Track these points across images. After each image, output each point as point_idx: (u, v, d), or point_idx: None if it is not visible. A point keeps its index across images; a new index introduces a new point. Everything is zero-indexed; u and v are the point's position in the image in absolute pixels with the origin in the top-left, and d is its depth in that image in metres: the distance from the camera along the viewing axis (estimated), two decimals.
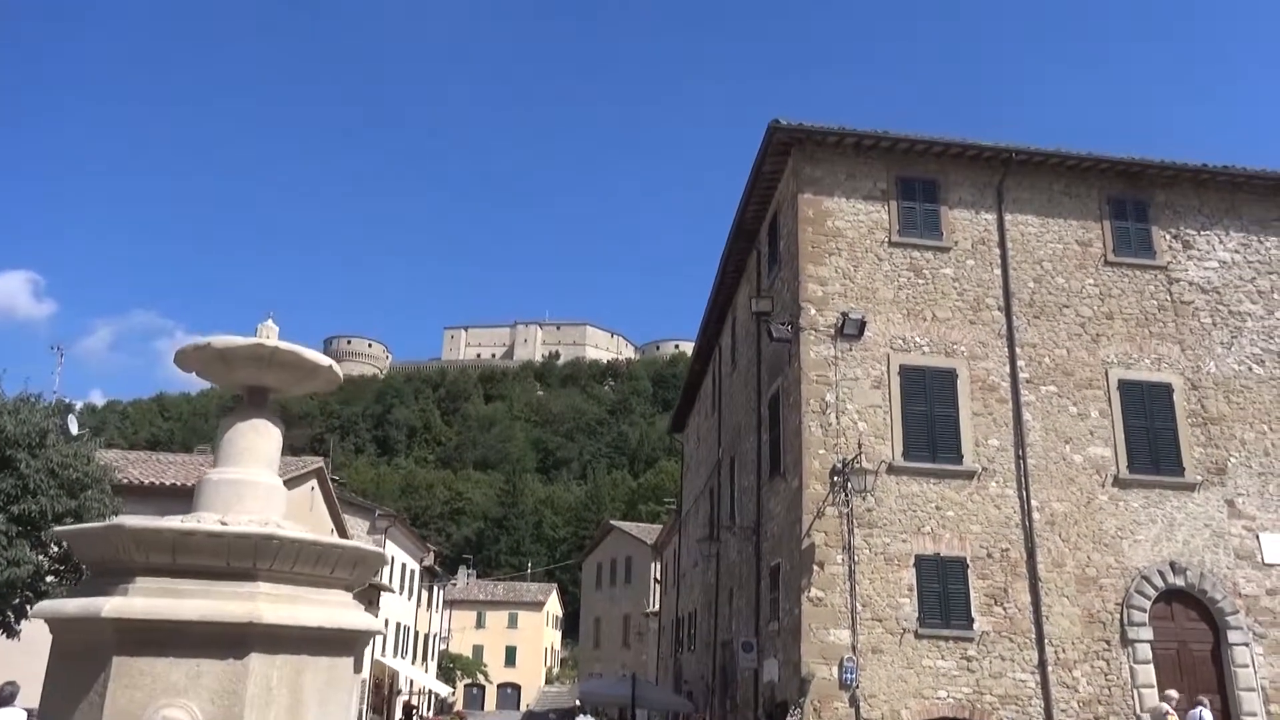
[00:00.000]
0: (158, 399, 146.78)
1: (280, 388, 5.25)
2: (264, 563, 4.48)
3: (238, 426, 5.04)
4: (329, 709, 4.65)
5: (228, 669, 4.30)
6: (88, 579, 4.81)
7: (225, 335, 5.01)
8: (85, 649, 4.36)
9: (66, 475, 15.96)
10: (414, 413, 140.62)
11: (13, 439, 15.44)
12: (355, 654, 4.97)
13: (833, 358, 16.78)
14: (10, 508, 15.09)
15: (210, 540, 4.42)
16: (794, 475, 16.64)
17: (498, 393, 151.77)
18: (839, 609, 15.45)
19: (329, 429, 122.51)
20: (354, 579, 5.07)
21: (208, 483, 4.90)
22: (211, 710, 4.24)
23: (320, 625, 4.58)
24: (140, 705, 4.18)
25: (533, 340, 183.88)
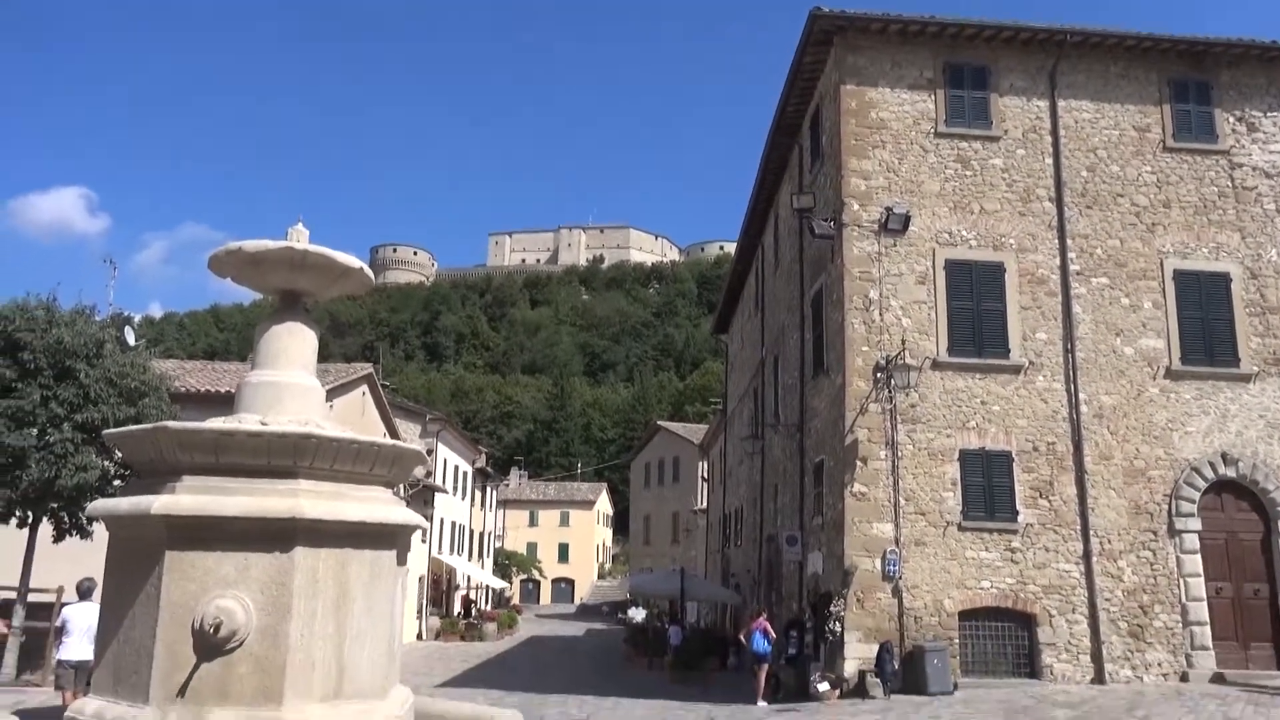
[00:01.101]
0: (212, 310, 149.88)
1: (313, 290, 5.29)
2: (304, 460, 4.60)
3: (274, 330, 5.10)
4: (374, 599, 4.82)
5: (274, 562, 4.45)
6: (137, 479, 4.98)
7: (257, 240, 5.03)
8: (140, 545, 4.54)
9: (125, 384, 16.48)
10: (461, 319, 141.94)
11: (71, 350, 15.93)
12: (398, 547, 5.12)
13: (876, 253, 16.49)
14: (74, 416, 15.69)
15: (251, 440, 4.53)
16: (837, 372, 16.58)
17: (543, 298, 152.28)
18: (882, 503, 15.57)
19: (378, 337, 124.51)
20: (393, 476, 5.18)
21: (247, 385, 5.01)
22: (261, 600, 4.41)
23: (362, 520, 4.71)
24: (194, 596, 4.37)
25: (577, 244, 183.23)
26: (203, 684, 4.32)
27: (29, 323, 16.05)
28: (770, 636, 16.25)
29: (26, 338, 15.86)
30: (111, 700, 4.46)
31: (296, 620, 4.42)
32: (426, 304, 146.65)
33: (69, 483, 15.51)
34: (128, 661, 4.46)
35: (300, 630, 4.43)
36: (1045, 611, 15.35)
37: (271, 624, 4.40)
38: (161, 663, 4.32)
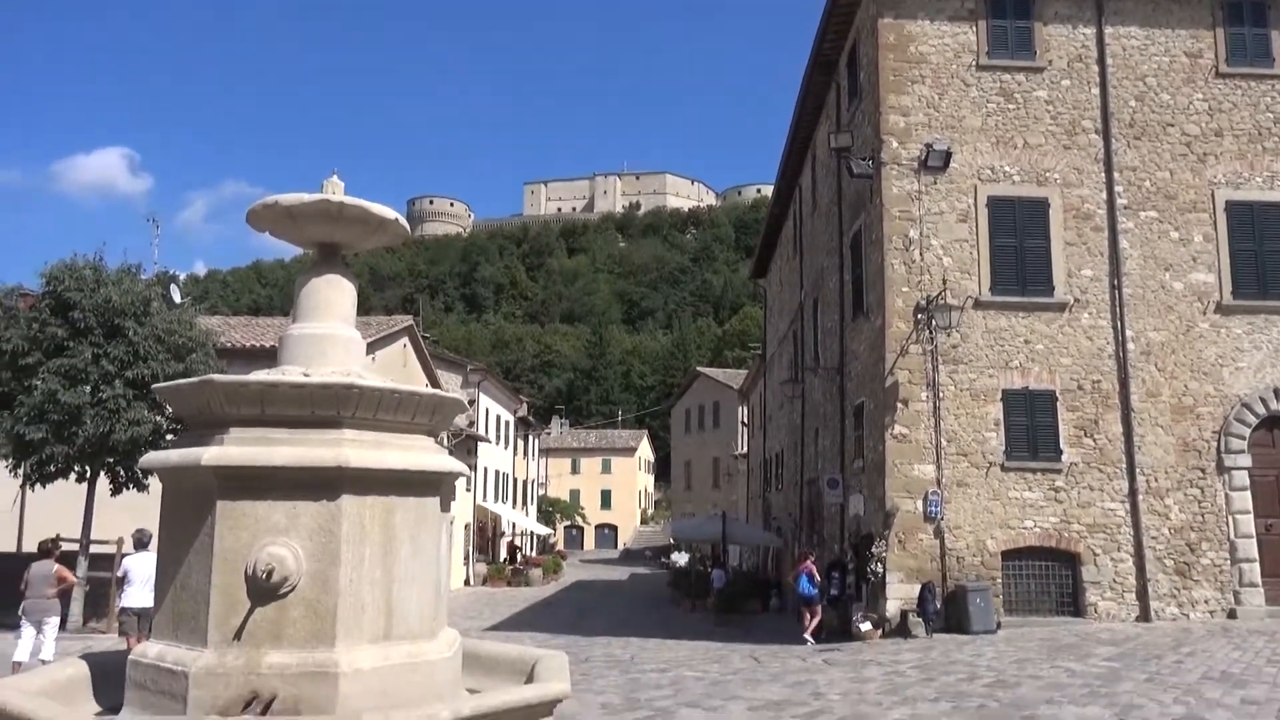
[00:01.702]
0: (254, 267, 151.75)
1: (349, 242, 5.30)
2: (347, 410, 4.65)
3: (313, 283, 5.13)
4: (420, 543, 4.91)
5: (322, 509, 4.54)
6: (187, 432, 5.09)
7: (293, 193, 5.04)
8: (192, 495, 4.66)
9: (172, 341, 16.83)
10: (499, 270, 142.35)
11: (119, 308, 16.26)
12: (441, 494, 5.19)
13: (916, 192, 16.20)
14: (125, 373, 16.07)
15: (294, 391, 4.59)
16: (877, 314, 16.43)
17: (580, 246, 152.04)
18: (923, 445, 15.51)
19: (418, 289, 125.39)
20: (434, 424, 5.24)
21: (289, 338, 5.06)
22: (311, 547, 4.51)
23: (405, 468, 4.78)
24: (246, 544, 4.48)
25: (612, 191, 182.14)
26: (257, 627, 4.45)
27: (78, 283, 16.39)
28: (816, 579, 16.37)
29: (76, 297, 16.21)
30: (172, 643, 4.61)
31: (345, 566, 4.52)
32: (464, 255, 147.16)
33: (123, 437, 15.94)
34: (185, 607, 4.60)
35: (349, 575, 4.54)
36: (1090, 550, 15.28)
37: (321, 569, 4.51)
38: (217, 608, 4.45)
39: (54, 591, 11.57)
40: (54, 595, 11.57)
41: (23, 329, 16.25)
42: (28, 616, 11.40)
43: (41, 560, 11.73)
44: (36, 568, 11.61)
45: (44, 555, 11.84)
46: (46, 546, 12.02)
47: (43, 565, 11.62)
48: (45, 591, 11.46)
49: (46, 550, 11.93)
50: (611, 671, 12.37)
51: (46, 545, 12.07)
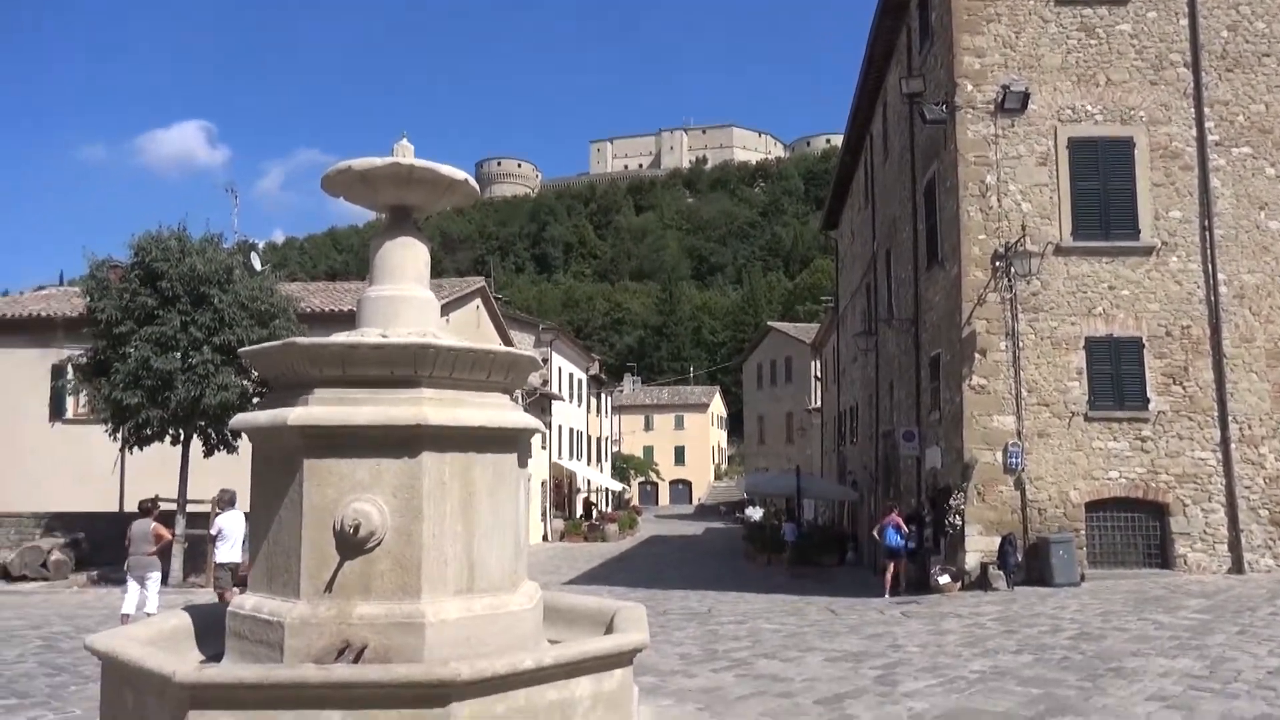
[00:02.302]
0: (330, 233, 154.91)
1: (421, 204, 5.37)
2: (424, 370, 4.75)
3: (387, 245, 5.22)
4: (499, 498, 5.02)
5: (404, 466, 4.67)
6: (273, 394, 5.26)
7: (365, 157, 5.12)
8: (280, 454, 4.82)
9: (255, 307, 17.33)
10: (568, 229, 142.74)
11: (204, 277, 16.79)
12: (518, 450, 5.28)
13: (992, 136, 15.70)
14: (212, 339, 16.63)
15: (373, 352, 4.70)
16: (953, 263, 16.06)
17: (647, 203, 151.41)
18: (1002, 395, 15.19)
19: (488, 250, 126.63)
20: (510, 382, 5.31)
21: (367, 300, 5.17)
22: (394, 503, 4.65)
23: (482, 425, 4.87)
24: (333, 501, 4.63)
25: (679, 147, 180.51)
26: (347, 580, 4.62)
27: (164, 253, 16.96)
28: (903, 531, 16.23)
29: (163, 267, 16.78)
30: (267, 596, 4.81)
31: (428, 521, 4.65)
32: (533, 215, 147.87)
33: (213, 401, 16.54)
34: (278, 561, 4.79)
35: (432, 530, 4.66)
36: (1179, 501, 14.86)
37: (404, 524, 4.64)
38: (308, 562, 4.62)
39: (154, 548, 12.13)
40: (154, 552, 12.14)
41: (115, 299, 16.91)
42: (131, 572, 12.00)
43: (141, 519, 12.30)
44: (137, 526, 12.18)
45: (144, 514, 12.41)
46: (146, 506, 12.59)
47: (143, 524, 12.19)
48: (145, 549, 12.03)
49: (146, 509, 12.50)
50: (689, 624, 12.52)
51: (146, 505, 12.64)
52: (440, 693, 4.11)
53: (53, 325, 23.93)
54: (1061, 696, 7.05)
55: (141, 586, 11.94)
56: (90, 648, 4.84)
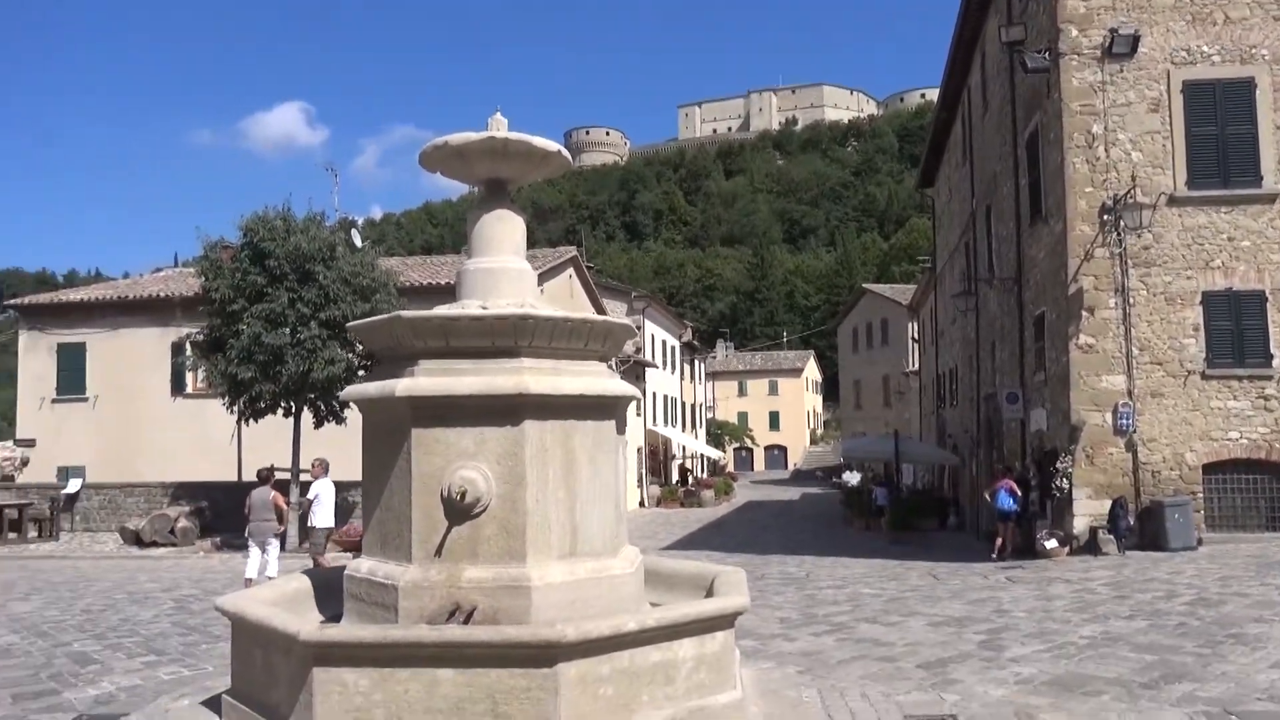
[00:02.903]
0: (425, 208, 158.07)
1: (516, 177, 5.46)
2: (524, 340, 4.86)
3: (484, 219, 5.33)
4: (599, 465, 5.11)
5: (507, 434, 4.79)
6: (380, 366, 5.44)
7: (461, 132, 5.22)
8: (389, 424, 5.01)
9: (358, 282, 17.87)
10: (657, 196, 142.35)
11: (309, 254, 17.38)
12: (616, 417, 5.36)
13: (1099, 83, 14.99)
14: (318, 315, 17.24)
15: (474, 324, 4.83)
16: (1057, 218, 15.47)
17: (737, 166, 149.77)
18: (1112, 354, 14.63)
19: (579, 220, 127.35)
20: (606, 350, 5.39)
21: (466, 273, 5.29)
22: (498, 470, 4.78)
23: (581, 393, 4.96)
24: (440, 468, 4.79)
25: (768, 108, 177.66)
26: (455, 545, 4.78)
27: (271, 233, 17.61)
28: (1016, 495, 15.83)
29: (270, 247, 17.43)
30: (381, 560, 5.02)
31: (531, 487, 4.77)
32: (622, 183, 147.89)
33: (321, 374, 17.18)
34: (390, 527, 4.98)
35: (535, 495, 4.78)
36: None
37: (509, 490, 4.77)
38: (419, 527, 4.80)
39: (273, 515, 12.73)
40: (272, 518, 12.74)
41: (228, 279, 17.67)
42: (253, 538, 12.63)
43: (261, 487, 12.90)
44: (257, 494, 12.79)
45: (263, 483, 13.01)
46: (264, 474, 13.19)
47: (262, 492, 12.79)
48: (265, 515, 12.63)
49: (264, 478, 13.10)
50: (787, 588, 12.53)
51: (264, 473, 13.24)
52: (548, 653, 4.24)
53: (171, 305, 25.18)
54: (1178, 663, 6.83)
55: (263, 551, 12.55)
56: (220, 609, 5.15)
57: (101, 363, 26.03)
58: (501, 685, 4.23)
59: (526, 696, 4.22)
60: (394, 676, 4.29)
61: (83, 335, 26.21)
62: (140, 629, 9.77)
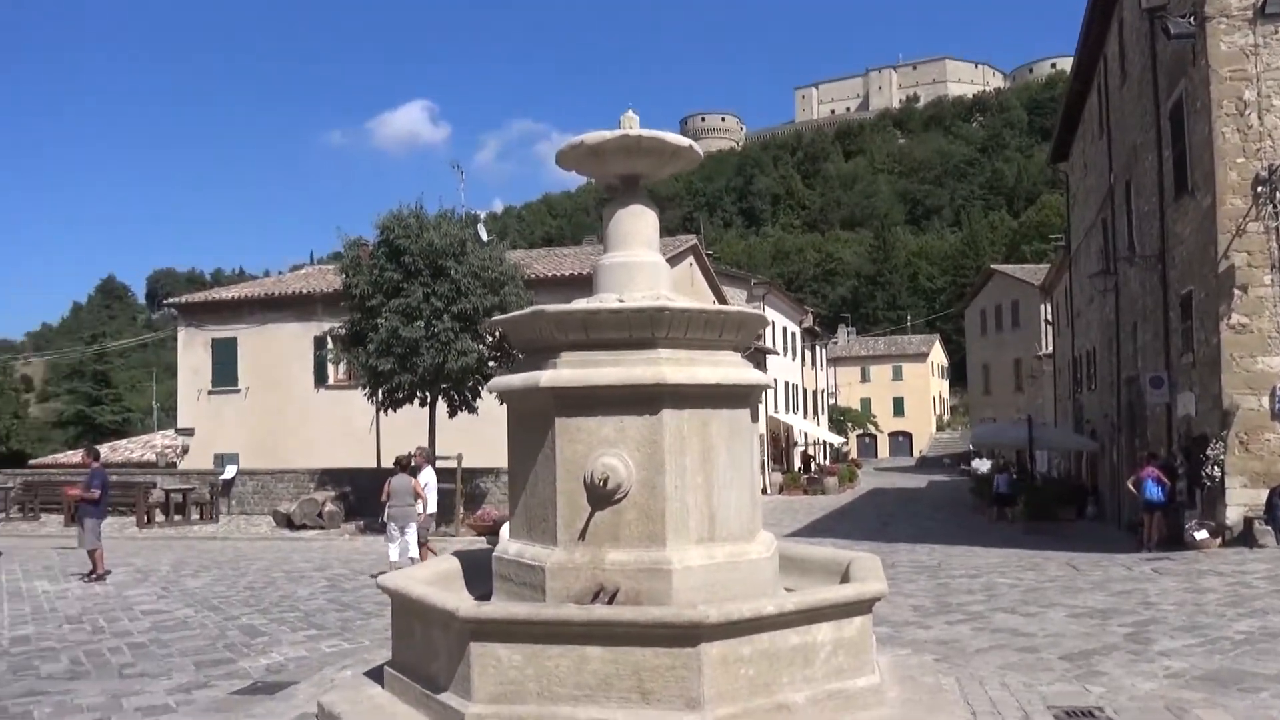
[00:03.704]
0: (544, 200, 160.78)
1: (648, 173, 5.61)
2: (660, 331, 5.01)
3: (618, 214, 5.51)
4: (735, 452, 5.23)
5: (645, 423, 4.96)
6: (522, 358, 5.69)
7: (595, 131, 5.41)
8: (533, 414, 5.25)
9: (487, 276, 18.46)
10: (774, 180, 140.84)
11: (441, 250, 18.05)
12: (750, 406, 5.47)
13: (1251, 46, 14.12)
14: (451, 308, 17.89)
15: (612, 317, 5.01)
16: (1205, 192, 14.66)
17: (856, 147, 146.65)
18: (1268, 334, 13.81)
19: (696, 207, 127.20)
20: (740, 340, 5.49)
21: (602, 267, 5.49)
22: (638, 457, 4.96)
23: (716, 382, 5.08)
24: (582, 455, 5.00)
25: (888, 86, 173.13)
26: (598, 529, 4.99)
27: (405, 230, 18.37)
28: (1165, 484, 15.15)
29: (405, 243, 18.19)
30: (527, 542, 5.28)
31: (670, 473, 4.93)
32: (739, 169, 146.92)
33: (454, 365, 17.85)
34: (536, 511, 5.23)
35: (674, 482, 4.94)
36: None
37: (648, 477, 4.94)
38: (563, 511, 5.03)
39: (413, 500, 13.32)
40: (412, 503, 13.33)
41: (366, 275, 18.53)
42: (394, 522, 13.24)
43: (401, 474, 13.51)
44: (397, 480, 13.40)
45: (402, 469, 13.62)
46: (404, 461, 13.80)
47: (402, 478, 13.40)
48: (406, 501, 13.23)
49: (404, 465, 13.71)
50: (920, 576, 12.37)
51: (403, 460, 13.85)
52: (691, 633, 4.39)
53: (313, 301, 26.55)
54: None
55: (402, 534, 13.16)
56: (382, 587, 5.51)
57: (251, 356, 27.68)
58: (647, 663, 4.41)
59: (671, 674, 4.39)
60: (545, 652, 4.53)
61: (234, 331, 27.92)
62: (299, 605, 10.45)
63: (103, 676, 7.06)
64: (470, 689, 4.61)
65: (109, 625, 9.26)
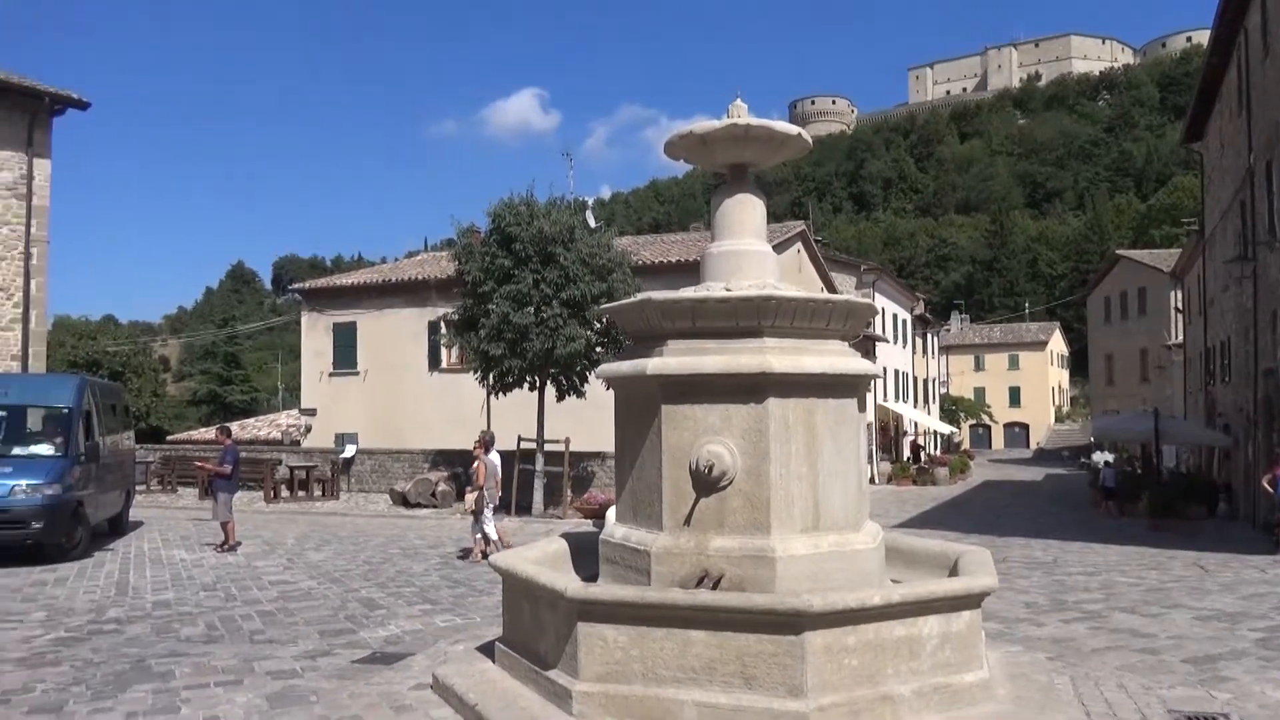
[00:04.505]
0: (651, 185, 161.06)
1: (756, 161, 5.63)
2: (766, 320, 5.03)
3: (726, 203, 5.54)
4: (841, 441, 5.21)
5: (751, 411, 5.00)
6: (629, 345, 5.79)
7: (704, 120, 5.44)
8: (640, 400, 5.34)
9: (595, 263, 18.67)
10: (886, 164, 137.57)
11: (550, 237, 18.34)
12: (857, 395, 5.43)
13: None
14: (559, 295, 18.18)
15: (719, 305, 5.05)
16: None
17: (973, 129, 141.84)
18: None
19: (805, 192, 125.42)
20: (847, 330, 5.46)
21: (710, 256, 5.53)
22: (743, 445, 5.00)
23: (822, 371, 5.08)
24: (688, 443, 5.07)
25: (1007, 65, 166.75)
26: (703, 515, 5.05)
27: (515, 218, 18.72)
28: None
29: (515, 231, 18.55)
30: (633, 527, 5.39)
31: (774, 462, 4.96)
32: (850, 153, 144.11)
33: (563, 351, 18.14)
34: (642, 496, 5.33)
35: (779, 470, 4.96)
36: None
37: (753, 465, 4.98)
38: (669, 497, 5.12)
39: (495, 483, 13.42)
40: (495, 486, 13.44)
41: (478, 262, 18.99)
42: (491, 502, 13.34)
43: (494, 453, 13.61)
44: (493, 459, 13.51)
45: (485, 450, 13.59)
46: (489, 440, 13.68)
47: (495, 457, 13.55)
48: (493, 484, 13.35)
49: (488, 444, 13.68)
50: (1033, 572, 12.01)
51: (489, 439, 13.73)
52: (794, 621, 4.42)
53: (427, 287, 27.35)
54: None
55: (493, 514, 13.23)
56: (494, 565, 5.72)
57: (370, 340, 28.73)
58: (750, 649, 4.46)
59: (774, 661, 4.43)
60: (650, 635, 4.63)
61: (353, 315, 29.01)
62: (414, 580, 10.87)
63: (235, 641, 7.51)
64: (577, 667, 4.75)
65: (240, 593, 9.83)
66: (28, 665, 6.78)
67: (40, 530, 11.86)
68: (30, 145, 19.56)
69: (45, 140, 19.93)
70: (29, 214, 19.55)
